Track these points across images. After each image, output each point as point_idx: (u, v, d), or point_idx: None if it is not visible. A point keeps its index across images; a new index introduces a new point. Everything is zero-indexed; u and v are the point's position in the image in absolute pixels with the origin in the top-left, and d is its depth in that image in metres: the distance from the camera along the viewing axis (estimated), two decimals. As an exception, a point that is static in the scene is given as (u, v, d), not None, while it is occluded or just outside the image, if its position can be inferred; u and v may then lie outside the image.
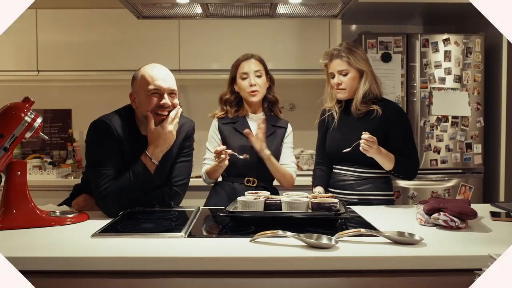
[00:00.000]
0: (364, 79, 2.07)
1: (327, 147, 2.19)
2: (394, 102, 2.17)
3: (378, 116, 2.04)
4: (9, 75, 3.41)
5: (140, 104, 1.82)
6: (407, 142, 2.07)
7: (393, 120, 2.05)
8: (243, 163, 2.09)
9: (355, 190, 2.08)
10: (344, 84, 2.07)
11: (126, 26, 3.30)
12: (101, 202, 1.76)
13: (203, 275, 1.23)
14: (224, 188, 2.20)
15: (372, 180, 2.08)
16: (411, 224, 1.61)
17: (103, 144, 1.78)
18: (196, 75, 3.42)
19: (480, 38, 3.21)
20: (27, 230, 1.53)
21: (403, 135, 2.06)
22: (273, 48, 3.36)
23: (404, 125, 2.09)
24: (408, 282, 1.22)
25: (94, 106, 1.91)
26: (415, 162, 2.07)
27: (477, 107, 3.22)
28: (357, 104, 2.07)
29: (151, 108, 1.79)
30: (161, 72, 1.83)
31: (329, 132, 2.19)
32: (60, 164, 3.48)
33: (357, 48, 2.09)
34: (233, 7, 2.00)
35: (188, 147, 1.99)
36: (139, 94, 1.81)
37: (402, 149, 2.03)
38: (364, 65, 2.07)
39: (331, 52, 2.11)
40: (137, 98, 1.83)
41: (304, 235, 1.33)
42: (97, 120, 1.82)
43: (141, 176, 1.77)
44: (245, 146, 2.14)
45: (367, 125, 2.03)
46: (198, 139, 2.07)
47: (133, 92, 1.85)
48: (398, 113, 2.10)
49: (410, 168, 2.05)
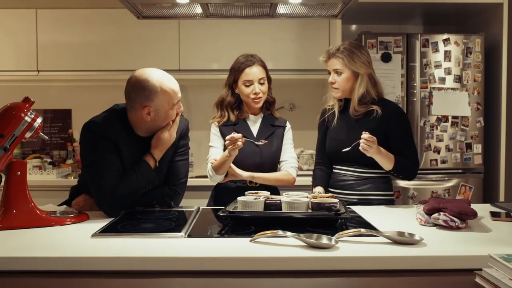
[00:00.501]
0: (359, 81, 2.06)
1: (327, 147, 2.19)
2: (394, 102, 2.17)
3: (378, 116, 2.04)
4: (9, 75, 3.42)
5: (160, 117, 1.79)
6: (407, 142, 2.07)
7: (393, 120, 2.05)
8: (246, 163, 2.09)
9: (355, 190, 2.08)
10: (337, 83, 2.08)
11: (126, 26, 3.30)
12: (105, 202, 1.75)
13: (203, 275, 1.23)
14: (227, 188, 2.20)
15: (372, 180, 2.08)
16: (411, 224, 1.61)
17: (99, 144, 1.77)
18: (196, 75, 3.42)
19: (480, 38, 3.21)
20: (27, 230, 1.53)
21: (403, 135, 2.06)
22: (273, 48, 3.36)
23: (404, 125, 2.09)
24: (408, 282, 1.22)
25: (94, 106, 1.90)
26: (415, 162, 2.07)
27: (477, 107, 3.22)
28: (355, 106, 2.07)
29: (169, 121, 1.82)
30: (176, 84, 1.82)
31: (329, 131, 2.19)
32: (60, 164, 3.48)
33: (358, 50, 2.07)
34: (233, 7, 2.00)
35: (184, 146, 2.00)
36: (161, 109, 1.78)
37: (402, 149, 2.03)
38: (361, 68, 2.05)
39: (330, 50, 2.12)
40: (158, 113, 1.78)
41: (304, 235, 1.33)
42: (89, 121, 1.81)
43: (147, 176, 1.80)
44: (247, 149, 2.13)
45: (367, 126, 2.03)
46: (198, 139, 2.07)
47: (150, 105, 1.75)
48: (398, 113, 2.10)
49: (410, 168, 2.05)
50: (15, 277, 1.23)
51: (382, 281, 1.22)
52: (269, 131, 2.20)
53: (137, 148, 1.83)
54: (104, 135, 1.77)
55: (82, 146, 1.82)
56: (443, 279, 1.22)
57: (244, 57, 2.21)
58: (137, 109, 1.77)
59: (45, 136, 1.74)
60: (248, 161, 2.14)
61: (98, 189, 1.75)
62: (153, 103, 1.76)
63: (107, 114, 1.85)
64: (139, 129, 1.85)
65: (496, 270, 1.09)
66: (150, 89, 1.74)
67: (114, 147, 1.78)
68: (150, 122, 1.80)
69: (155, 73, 1.78)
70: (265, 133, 2.20)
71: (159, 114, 1.79)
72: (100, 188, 1.74)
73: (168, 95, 1.77)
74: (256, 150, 2.16)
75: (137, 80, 1.76)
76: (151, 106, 1.76)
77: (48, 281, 1.23)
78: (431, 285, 1.22)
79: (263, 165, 2.17)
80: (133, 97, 1.77)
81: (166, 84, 1.77)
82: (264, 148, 2.16)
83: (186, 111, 3.62)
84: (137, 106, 1.77)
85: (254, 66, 2.18)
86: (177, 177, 1.95)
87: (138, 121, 1.82)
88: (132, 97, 1.77)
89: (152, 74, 1.77)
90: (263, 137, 2.18)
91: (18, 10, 3.37)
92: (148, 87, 1.74)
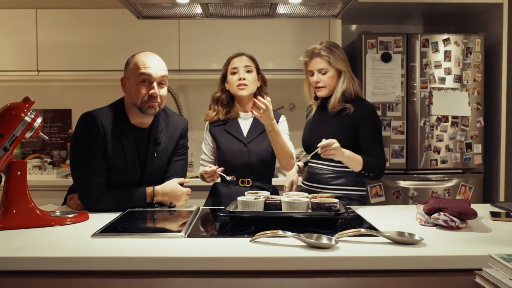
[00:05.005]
0: (343, 78, 2.11)
1: (302, 141, 2.25)
2: (367, 102, 2.20)
3: (349, 113, 2.08)
4: (9, 75, 3.41)
5: (130, 90, 1.83)
6: (374, 139, 2.09)
7: (362, 117, 2.08)
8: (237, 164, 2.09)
9: (329, 184, 2.11)
10: (322, 82, 2.11)
11: (126, 26, 3.30)
12: (89, 205, 1.82)
13: (203, 275, 1.23)
14: (221, 189, 2.20)
15: (346, 174, 2.10)
16: (411, 224, 1.61)
17: (89, 147, 1.80)
18: (196, 75, 3.42)
19: (480, 38, 3.21)
20: (27, 230, 1.53)
21: (370, 132, 2.09)
22: (273, 48, 3.36)
23: (372, 123, 2.11)
24: (408, 282, 1.22)
25: (94, 106, 1.90)
26: (381, 160, 2.09)
27: (477, 107, 3.22)
28: (335, 102, 2.10)
29: (140, 99, 1.80)
30: (153, 60, 1.83)
31: (306, 126, 2.25)
32: (60, 164, 3.48)
33: (336, 48, 2.13)
34: (233, 7, 2.00)
35: (183, 145, 2.01)
36: (130, 80, 1.83)
37: (368, 145, 2.07)
38: (343, 65, 2.11)
39: (311, 50, 2.13)
40: (128, 83, 1.85)
41: (304, 235, 1.33)
42: (86, 113, 1.84)
43: (137, 201, 1.85)
44: (235, 149, 2.14)
45: (340, 122, 2.08)
46: (198, 139, 2.08)
47: (125, 77, 1.87)
48: (368, 111, 2.12)
49: (379, 167, 2.07)
50: (15, 277, 1.23)
51: (382, 281, 1.22)
52: (260, 129, 2.16)
53: (129, 137, 1.86)
54: (95, 132, 1.79)
55: (73, 140, 1.85)
56: (443, 279, 1.22)
57: (234, 53, 2.22)
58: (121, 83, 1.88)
59: (45, 136, 1.74)
60: (237, 161, 2.12)
61: (84, 192, 1.82)
62: (126, 72, 1.86)
63: (108, 106, 1.90)
64: (130, 113, 1.87)
65: (496, 270, 1.09)
66: (129, 59, 1.86)
67: (103, 146, 1.81)
68: (127, 97, 1.86)
69: (143, 52, 1.87)
70: (256, 131, 2.17)
71: (129, 85, 1.84)
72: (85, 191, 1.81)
73: (136, 64, 1.81)
74: (244, 150, 2.14)
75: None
76: (125, 75, 1.86)
77: (48, 281, 1.23)
78: (431, 285, 1.22)
79: (252, 165, 2.14)
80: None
81: (140, 55, 1.84)
82: (253, 148, 2.15)
83: (186, 111, 3.64)
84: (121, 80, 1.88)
85: (241, 56, 2.18)
86: (175, 177, 1.95)
87: (126, 101, 1.88)
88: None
89: (140, 52, 1.87)
90: (253, 135, 2.16)
91: (18, 10, 3.37)
92: (128, 60, 1.86)
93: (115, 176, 1.84)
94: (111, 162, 1.82)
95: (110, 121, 1.82)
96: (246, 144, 2.15)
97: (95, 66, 3.38)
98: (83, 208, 1.83)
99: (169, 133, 1.95)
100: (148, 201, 1.86)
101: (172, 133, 1.96)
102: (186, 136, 2.03)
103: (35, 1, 3.48)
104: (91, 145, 1.79)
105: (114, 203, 1.81)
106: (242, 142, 2.15)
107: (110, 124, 1.82)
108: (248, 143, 2.15)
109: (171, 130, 1.96)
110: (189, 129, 2.12)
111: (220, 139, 2.18)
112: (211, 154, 2.23)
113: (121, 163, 1.84)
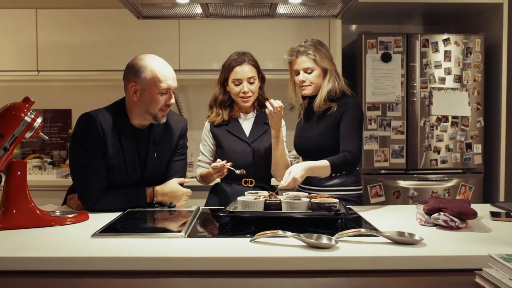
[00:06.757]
0: (328, 77, 2.06)
1: (293, 144, 2.21)
2: (352, 97, 2.10)
3: (333, 112, 2.04)
4: (9, 75, 3.42)
5: (145, 100, 1.79)
6: (350, 131, 2.00)
7: (344, 111, 2.02)
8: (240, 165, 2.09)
9: (323, 186, 2.06)
10: (308, 81, 2.06)
11: (126, 26, 3.30)
12: (89, 206, 1.82)
13: (203, 275, 1.23)
14: (223, 189, 2.20)
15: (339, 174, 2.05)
16: (411, 224, 1.61)
17: (88, 148, 1.80)
18: (196, 75, 3.42)
19: (480, 38, 3.21)
20: (27, 230, 1.53)
21: (348, 124, 2.01)
22: (273, 48, 3.35)
23: (352, 115, 2.03)
24: (408, 282, 1.22)
25: (94, 106, 1.90)
26: (352, 153, 1.97)
27: (477, 107, 3.22)
28: (321, 101, 2.05)
29: (158, 108, 1.80)
30: (170, 71, 1.82)
31: (296, 127, 2.22)
32: (60, 164, 3.48)
33: (322, 46, 2.08)
34: (233, 7, 2.00)
35: (183, 145, 2.01)
36: (147, 91, 1.78)
37: (344, 137, 2.00)
38: (328, 64, 2.06)
39: (297, 49, 2.08)
40: (144, 93, 1.79)
41: (304, 235, 1.33)
42: (84, 114, 1.83)
43: (137, 202, 1.85)
44: (239, 150, 2.14)
45: (325, 124, 2.05)
46: (198, 139, 2.08)
47: (137, 84, 1.79)
48: (350, 104, 2.05)
49: (347, 162, 1.95)
50: (15, 277, 1.23)
51: (382, 281, 1.22)
52: (262, 129, 2.18)
53: (129, 138, 1.85)
54: (94, 133, 1.79)
55: (72, 141, 1.84)
56: (443, 279, 1.22)
57: (236, 55, 2.17)
58: (126, 87, 1.81)
59: (45, 136, 1.74)
60: (240, 162, 2.11)
61: (84, 193, 1.82)
62: (139, 80, 1.78)
63: (108, 108, 1.89)
64: (132, 115, 1.86)
65: (496, 270, 1.09)
66: (140, 65, 1.78)
67: (102, 148, 1.80)
68: (137, 104, 1.81)
69: (152, 56, 1.82)
70: (258, 132, 2.18)
71: (144, 95, 1.79)
72: (85, 192, 1.82)
73: (156, 76, 1.77)
74: (248, 150, 2.15)
75: (133, 59, 1.82)
76: (138, 83, 1.78)
77: (48, 281, 1.23)
78: (431, 285, 1.22)
79: (256, 165, 2.15)
80: (126, 74, 1.82)
81: (157, 65, 1.79)
82: (256, 148, 2.15)
83: (186, 111, 3.64)
84: (127, 83, 1.81)
85: (244, 64, 2.13)
86: (175, 177, 1.95)
87: (129, 104, 1.85)
88: (125, 74, 1.82)
89: (148, 55, 1.82)
90: (256, 135, 2.17)
91: (18, 10, 3.37)
92: (138, 64, 1.79)
93: (115, 176, 1.84)
94: (111, 162, 1.82)
95: (109, 122, 1.82)
96: (250, 144, 2.15)
97: (95, 66, 3.38)
98: (83, 208, 1.83)
99: (168, 133, 1.95)
100: (148, 201, 1.86)
101: (172, 133, 1.96)
102: (185, 136, 2.03)
103: (35, 1, 3.48)
104: (90, 145, 1.79)
105: (114, 204, 1.80)
106: (246, 142, 2.15)
107: (110, 125, 1.81)
108: (251, 143, 2.15)
109: (170, 130, 1.96)
110: (189, 129, 2.12)
111: (223, 140, 2.18)
112: (210, 155, 2.22)
113: (121, 163, 1.84)
